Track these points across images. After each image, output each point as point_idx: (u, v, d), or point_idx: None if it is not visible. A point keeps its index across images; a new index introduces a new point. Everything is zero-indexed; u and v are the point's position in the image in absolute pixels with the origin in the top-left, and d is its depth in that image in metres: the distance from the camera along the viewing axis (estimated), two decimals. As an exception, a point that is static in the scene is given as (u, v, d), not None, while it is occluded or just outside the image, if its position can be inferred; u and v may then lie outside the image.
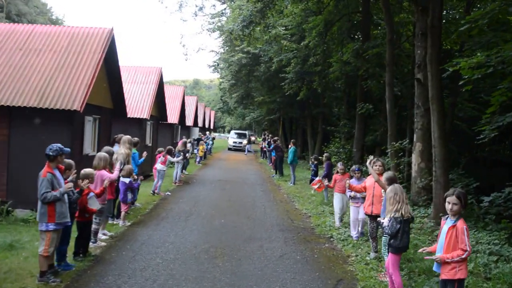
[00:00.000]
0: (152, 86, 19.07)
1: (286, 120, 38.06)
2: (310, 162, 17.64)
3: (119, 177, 9.48)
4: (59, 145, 5.82)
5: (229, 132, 70.06)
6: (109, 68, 13.03)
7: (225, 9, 32.97)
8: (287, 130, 40.76)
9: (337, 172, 10.45)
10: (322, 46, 17.71)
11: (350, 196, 8.75)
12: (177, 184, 16.22)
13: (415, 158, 11.77)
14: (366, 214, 7.75)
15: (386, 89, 13.98)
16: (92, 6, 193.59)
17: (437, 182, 10.25)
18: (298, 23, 18.87)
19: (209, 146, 34.56)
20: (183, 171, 19.93)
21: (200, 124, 40.53)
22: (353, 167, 9.18)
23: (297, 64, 19.55)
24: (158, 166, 14.03)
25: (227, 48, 31.16)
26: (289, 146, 18.85)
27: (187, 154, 18.23)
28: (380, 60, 16.16)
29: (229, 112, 56.48)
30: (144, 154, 12.05)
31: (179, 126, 28.54)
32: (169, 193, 14.42)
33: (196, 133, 35.70)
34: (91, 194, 6.49)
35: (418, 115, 11.71)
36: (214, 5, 31.64)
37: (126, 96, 18.48)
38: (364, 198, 8.05)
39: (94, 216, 7.33)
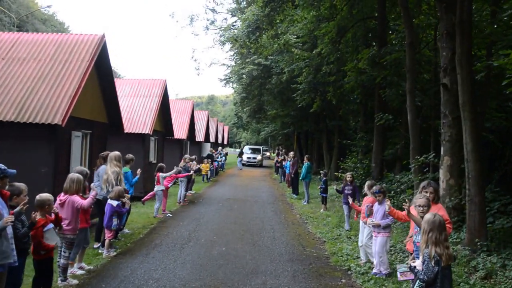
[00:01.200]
0: (155, 100, 18.04)
1: (301, 134, 36.73)
2: (320, 177, 16.23)
3: (106, 198, 8.35)
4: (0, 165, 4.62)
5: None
6: (102, 79, 12.01)
7: (236, 21, 32.14)
8: (302, 144, 39.39)
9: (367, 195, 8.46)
10: (335, 54, 16.43)
11: (371, 223, 7.34)
12: (181, 204, 14.99)
13: (443, 174, 10.31)
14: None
15: (407, 98, 12.60)
16: (109, 25, 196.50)
17: (471, 202, 8.79)
18: (310, 30, 17.68)
19: (221, 162, 33.48)
20: (189, 190, 18.73)
21: (212, 139, 39.45)
22: (374, 188, 7.75)
23: (310, 73, 18.29)
24: (155, 186, 12.87)
25: (238, 60, 30.13)
26: (304, 162, 17.45)
27: (191, 172, 17.02)
28: (399, 67, 14.85)
29: (244, 127, 55.50)
30: (138, 172, 10.86)
31: (188, 142, 27.48)
32: (170, 215, 13.22)
33: (207, 148, 34.63)
34: (49, 226, 5.28)
35: (445, 125, 10.29)
36: (225, 19, 30.86)
37: (127, 110, 17.58)
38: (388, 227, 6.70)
39: (63, 250, 6.13)
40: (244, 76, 27.94)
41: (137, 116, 17.47)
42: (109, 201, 8.16)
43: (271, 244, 9.58)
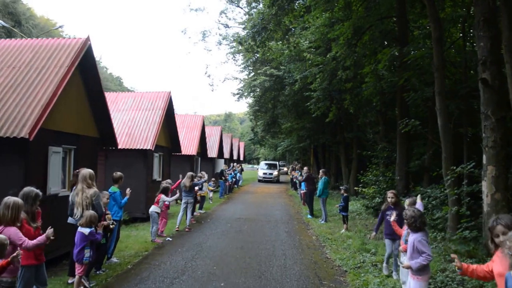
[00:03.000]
0: (158, 113, 16.73)
1: (317, 147, 35.07)
2: (340, 193, 14.55)
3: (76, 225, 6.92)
4: None
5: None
6: (90, 88, 10.72)
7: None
8: (319, 158, 37.67)
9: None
10: (352, 57, 14.89)
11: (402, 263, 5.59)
12: (186, 229, 13.29)
13: (487, 187, 8.59)
14: None
15: (436, 100, 10.96)
16: (128, 43, 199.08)
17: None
18: (323, 34, 16.20)
19: (235, 179, 32.01)
20: (199, 210, 17.24)
21: (226, 155, 38.06)
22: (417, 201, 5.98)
23: (324, 80, 16.75)
24: (152, 207, 11.45)
25: (251, 71, 28.86)
26: (320, 176, 15.79)
27: (199, 191, 15.55)
28: (424, 68, 13.27)
29: (260, 143, 54.10)
30: (128, 192, 9.45)
31: (199, 158, 26.12)
32: (170, 239, 11.74)
33: (221, 165, 33.22)
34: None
35: (488, 128, 8.61)
36: (237, 33, 29.59)
37: (128, 124, 16.32)
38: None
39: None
40: (256, 88, 26.57)
41: (138, 131, 16.17)
42: (79, 228, 6.72)
43: (281, 277, 7.97)
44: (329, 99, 17.95)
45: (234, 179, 30.84)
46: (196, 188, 15.03)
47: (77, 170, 7.62)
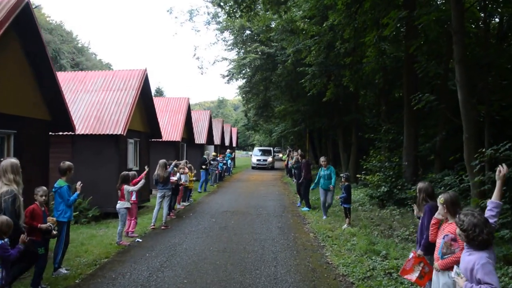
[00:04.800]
0: (132, 93, 14.71)
1: (313, 132, 33.13)
2: (341, 183, 12.55)
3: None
4: None
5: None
6: (36, 63, 8.74)
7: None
8: (315, 143, 35.77)
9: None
10: (352, 25, 12.87)
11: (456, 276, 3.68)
12: (162, 228, 11.41)
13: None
14: None
15: (456, 70, 9.06)
16: (124, 39, 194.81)
17: None
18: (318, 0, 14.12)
19: (226, 166, 30.14)
20: (183, 203, 15.38)
21: (217, 141, 36.10)
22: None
23: (320, 53, 14.73)
24: (119, 203, 9.57)
25: (240, 49, 26.71)
26: (324, 165, 13.03)
27: (178, 180, 13.62)
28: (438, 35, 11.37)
29: (254, 129, 52.21)
30: (78, 186, 7.55)
31: (185, 144, 24.18)
32: (139, 240, 9.89)
33: (211, 151, 31.32)
34: None
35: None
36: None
37: (97, 107, 14.41)
38: None
39: None
40: (246, 67, 24.52)
41: (108, 114, 14.19)
42: (-15, 241, 4.83)
43: (270, 293, 6.15)
44: (326, 75, 15.97)
45: (225, 167, 29.00)
46: (175, 178, 13.15)
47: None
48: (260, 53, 22.32)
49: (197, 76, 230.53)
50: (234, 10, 13.22)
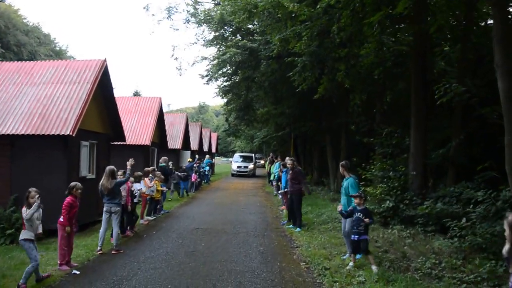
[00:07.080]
0: (86, 87, 12.20)
1: (298, 137, 30.88)
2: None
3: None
4: None
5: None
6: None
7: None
8: (299, 150, 33.50)
9: None
10: (352, 5, 10.64)
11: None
12: (113, 252, 8.95)
13: None
14: None
15: (495, 51, 6.90)
16: (100, 39, 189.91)
17: None
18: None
19: (204, 173, 27.67)
20: (147, 217, 12.94)
21: (195, 147, 33.62)
22: None
23: (313, 40, 12.45)
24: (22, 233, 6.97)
25: (220, 45, 24.34)
26: (345, 175, 8.92)
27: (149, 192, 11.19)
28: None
29: (235, 135, 49.83)
30: None
31: (155, 149, 21.65)
32: (76, 272, 7.43)
33: (187, 157, 28.84)
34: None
35: None
36: (209, 9, 25.11)
37: (44, 102, 11.95)
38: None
39: None
40: (226, 64, 22.18)
41: (56, 111, 11.69)
42: None
43: None
44: (319, 67, 13.71)
45: (201, 174, 26.51)
46: (135, 188, 10.72)
47: None
48: (242, 47, 20.01)
49: (178, 82, 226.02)
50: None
